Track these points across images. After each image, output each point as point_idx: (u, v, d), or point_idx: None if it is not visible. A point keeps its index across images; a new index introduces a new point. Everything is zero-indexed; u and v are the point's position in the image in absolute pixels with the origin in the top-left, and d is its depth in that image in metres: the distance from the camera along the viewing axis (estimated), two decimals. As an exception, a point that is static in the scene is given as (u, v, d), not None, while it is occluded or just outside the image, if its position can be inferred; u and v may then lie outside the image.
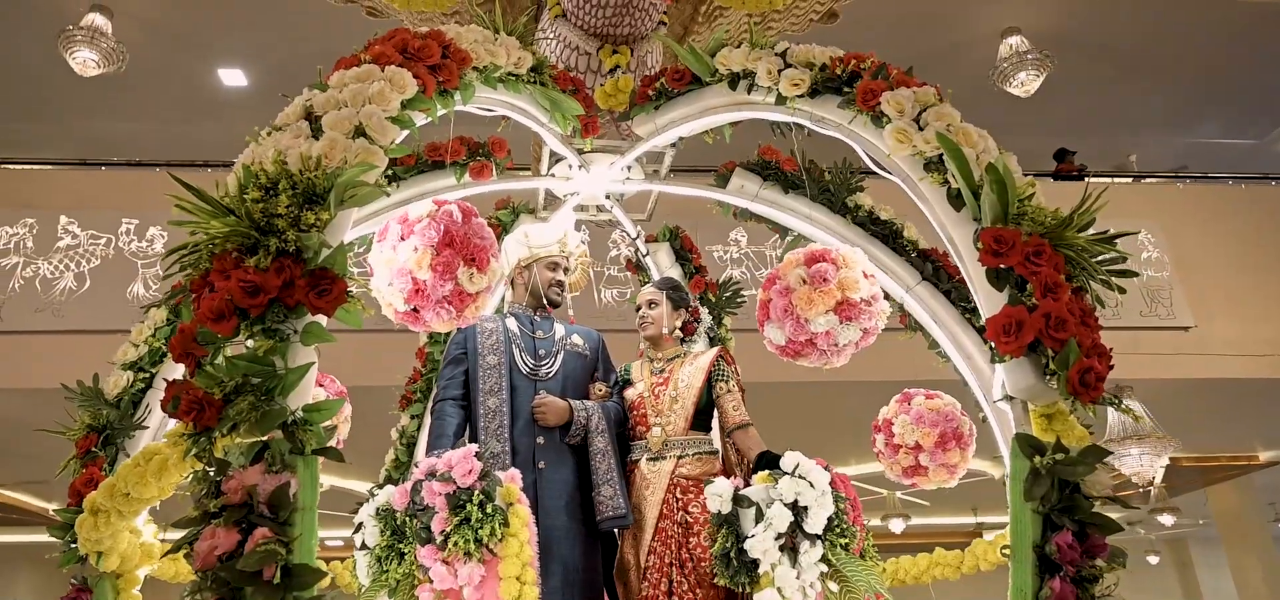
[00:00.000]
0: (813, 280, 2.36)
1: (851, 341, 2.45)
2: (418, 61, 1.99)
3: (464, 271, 2.13)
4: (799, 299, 2.37)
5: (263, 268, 1.53)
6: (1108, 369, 1.75)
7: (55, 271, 7.76)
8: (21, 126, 9.53)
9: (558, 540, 2.72)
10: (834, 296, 2.35)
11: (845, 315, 2.38)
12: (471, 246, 2.15)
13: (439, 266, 2.10)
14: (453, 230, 2.13)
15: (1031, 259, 1.77)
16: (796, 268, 2.42)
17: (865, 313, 2.40)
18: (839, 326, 2.39)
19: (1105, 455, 1.76)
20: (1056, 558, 1.69)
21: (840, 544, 2.41)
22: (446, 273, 2.11)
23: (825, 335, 2.41)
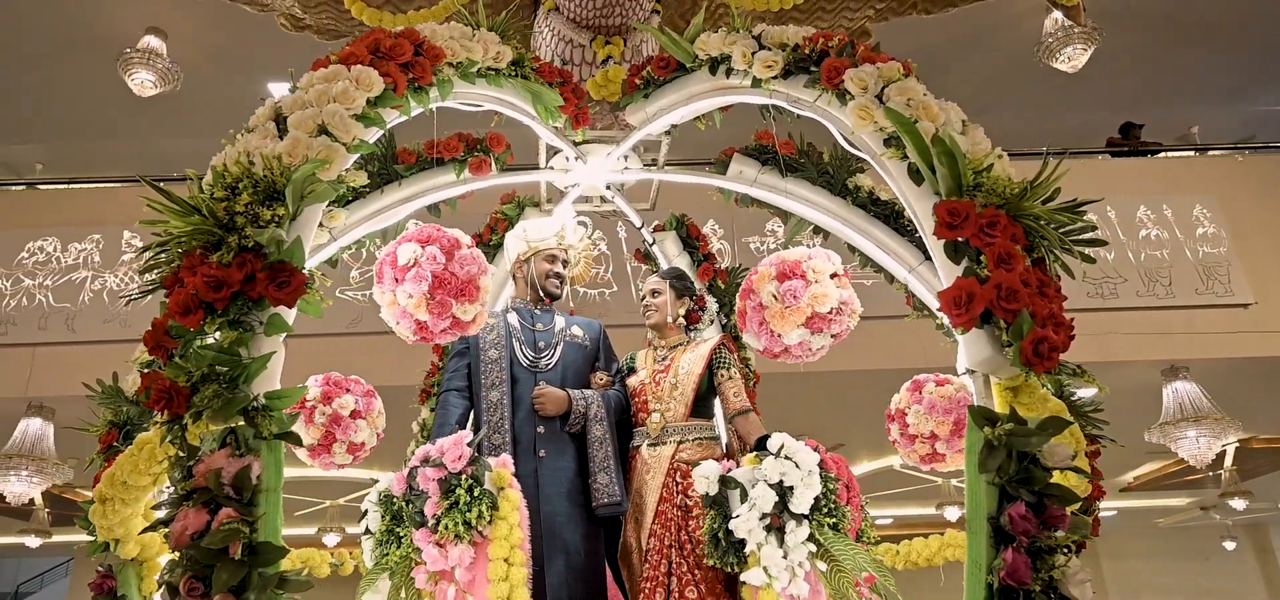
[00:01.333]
0: (783, 298, 2.41)
1: (825, 345, 2.51)
2: (389, 60, 2.07)
3: (458, 307, 2.33)
4: (772, 316, 2.44)
5: (225, 263, 1.62)
6: (1066, 340, 1.73)
7: (121, 283, 8.18)
8: (87, 146, 10.01)
9: (560, 526, 2.79)
10: (804, 313, 2.41)
11: (816, 328, 2.45)
12: (459, 283, 2.32)
13: (435, 309, 2.31)
14: (439, 274, 2.30)
15: (985, 230, 1.77)
16: (768, 283, 2.47)
17: (835, 322, 2.46)
18: (811, 337, 2.46)
19: (1064, 426, 1.75)
20: (1009, 528, 1.69)
21: (828, 524, 2.41)
22: (442, 311, 2.32)
23: (799, 345, 2.48)
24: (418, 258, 2.30)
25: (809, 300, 2.39)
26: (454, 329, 2.39)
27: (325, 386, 2.80)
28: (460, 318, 2.36)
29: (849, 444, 3.77)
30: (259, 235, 1.62)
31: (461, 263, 2.34)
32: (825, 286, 2.42)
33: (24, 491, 8.66)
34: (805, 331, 2.44)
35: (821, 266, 2.47)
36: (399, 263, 2.35)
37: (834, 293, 2.43)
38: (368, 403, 2.86)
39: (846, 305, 2.47)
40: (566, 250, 3.12)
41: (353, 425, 2.76)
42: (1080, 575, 1.71)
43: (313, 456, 2.77)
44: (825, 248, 2.79)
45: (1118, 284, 7.14)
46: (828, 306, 2.41)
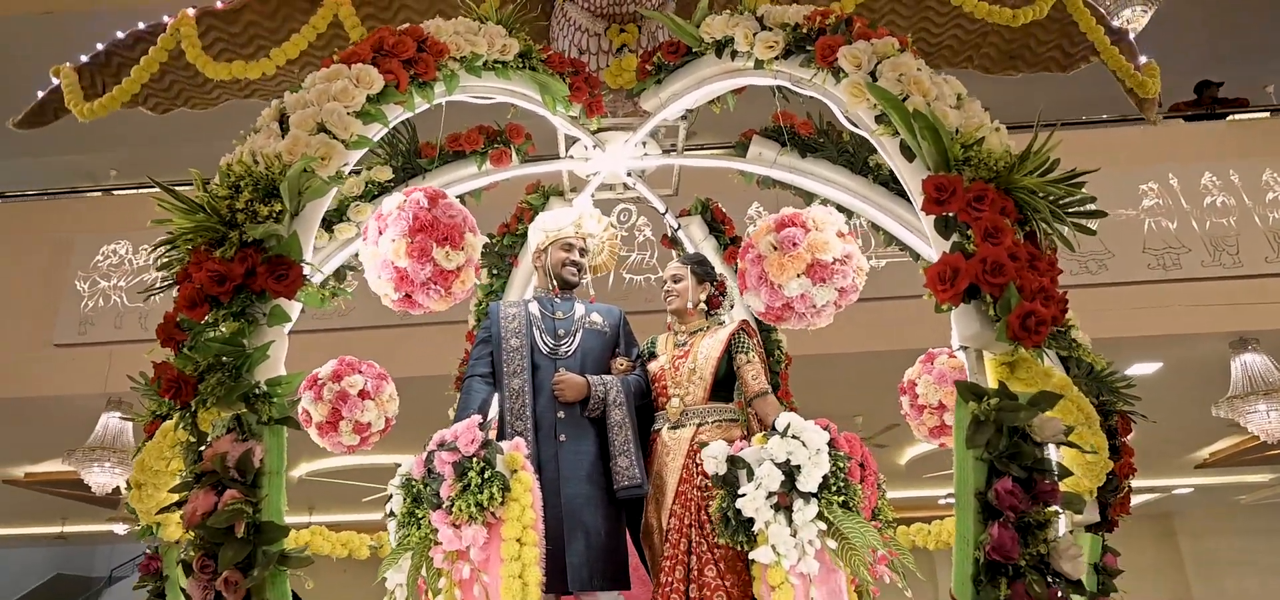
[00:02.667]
0: (782, 246, 2.37)
1: (830, 301, 2.45)
2: (392, 57, 2.14)
3: (439, 251, 2.28)
4: (770, 265, 2.39)
5: (228, 258, 1.71)
6: (1056, 313, 1.71)
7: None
8: (157, 153, 10.44)
9: (580, 508, 2.84)
10: (804, 260, 2.36)
11: (817, 277, 2.38)
12: (442, 226, 2.30)
13: (415, 252, 2.26)
14: (421, 216, 2.29)
15: (973, 204, 1.75)
16: (767, 235, 2.43)
17: (838, 272, 2.40)
18: (812, 288, 2.40)
19: (1054, 401, 1.73)
20: (996, 504, 1.68)
21: (837, 502, 2.42)
22: (423, 256, 2.27)
23: (801, 299, 2.42)
24: (401, 203, 2.32)
25: (809, 247, 2.35)
26: (436, 281, 2.34)
27: (338, 366, 2.90)
28: (442, 264, 2.30)
29: (902, 426, 3.73)
30: (256, 230, 1.71)
31: (445, 209, 2.33)
32: (827, 235, 2.38)
33: (107, 481, 9.15)
34: (806, 281, 2.38)
35: (822, 218, 2.44)
36: (383, 212, 2.38)
37: (836, 243, 2.39)
38: (378, 385, 2.95)
39: (851, 259, 2.42)
40: (584, 239, 3.17)
41: (360, 405, 2.84)
42: (1071, 550, 1.69)
43: (321, 434, 2.88)
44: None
45: (1181, 254, 6.88)
46: (830, 255, 2.36)
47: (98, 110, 2.95)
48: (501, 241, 3.60)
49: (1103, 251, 6.78)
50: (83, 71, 3.09)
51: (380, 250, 2.30)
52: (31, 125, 3.25)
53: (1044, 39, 3.31)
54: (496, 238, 3.61)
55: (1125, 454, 2.78)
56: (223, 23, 2.96)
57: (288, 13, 2.95)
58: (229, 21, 2.95)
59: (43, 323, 8.16)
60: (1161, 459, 11.00)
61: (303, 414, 3.08)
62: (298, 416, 3.07)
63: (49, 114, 3.24)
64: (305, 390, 3.09)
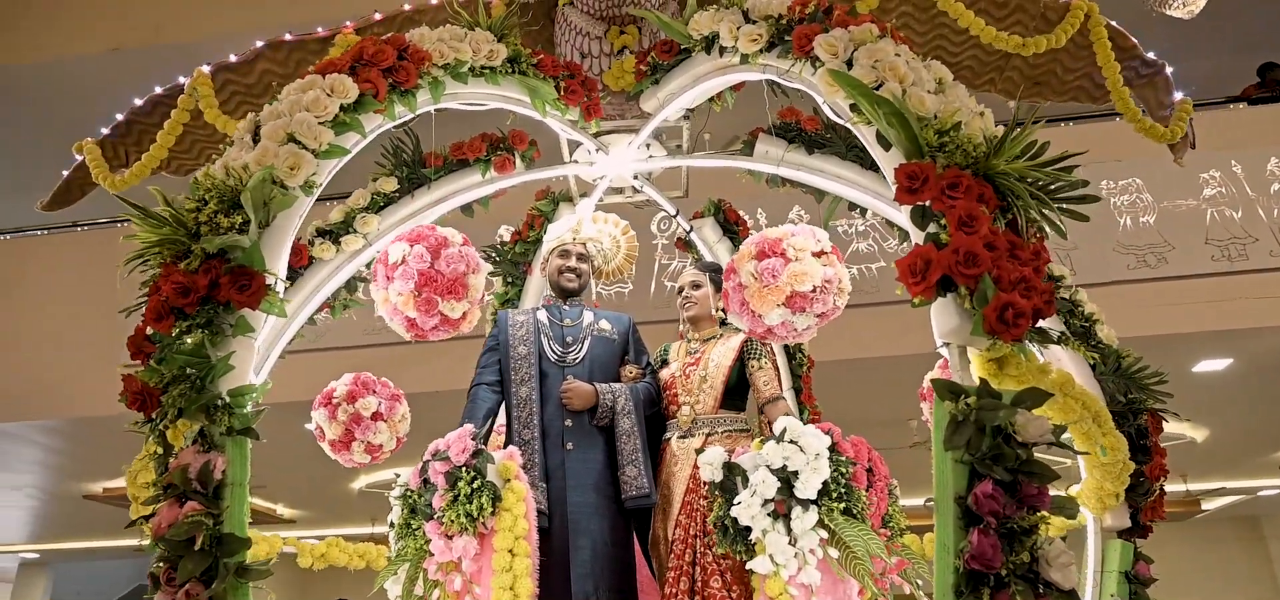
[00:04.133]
0: (761, 277, 2.32)
1: (810, 325, 2.41)
2: (371, 66, 2.14)
3: (444, 304, 2.41)
4: (751, 295, 2.35)
5: (192, 270, 1.72)
6: (1038, 303, 1.60)
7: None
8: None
9: (587, 517, 2.80)
10: (783, 292, 2.31)
11: (797, 307, 2.34)
12: (445, 280, 2.39)
13: (422, 306, 2.39)
14: (425, 272, 2.39)
15: (947, 192, 1.66)
16: (748, 262, 2.39)
17: (818, 300, 2.35)
18: (792, 317, 2.36)
19: (1042, 398, 1.62)
20: (975, 509, 1.58)
21: (839, 509, 2.33)
22: (430, 309, 2.40)
23: (782, 325, 2.38)
24: (405, 256, 2.37)
25: (788, 279, 2.30)
26: (444, 326, 2.46)
27: (353, 385, 2.92)
28: (448, 315, 2.42)
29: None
30: (216, 241, 1.72)
31: (448, 261, 2.39)
32: (806, 264, 2.32)
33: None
34: (786, 311, 2.35)
35: (803, 244, 2.37)
36: (390, 260, 2.44)
37: (816, 271, 2.33)
38: (392, 406, 2.96)
39: (831, 283, 2.36)
40: (583, 244, 3.13)
41: (373, 427, 2.86)
42: (1062, 558, 1.58)
43: (334, 451, 2.89)
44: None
45: (1247, 244, 6.53)
46: (809, 285, 2.30)
47: (126, 182, 2.98)
48: (514, 249, 3.60)
49: (1161, 243, 6.48)
50: (105, 144, 3.16)
51: (390, 297, 2.42)
52: (58, 206, 3.33)
53: (1071, 67, 3.15)
54: (509, 246, 3.61)
55: (1156, 454, 2.63)
56: (238, 75, 3.01)
57: (300, 57, 2.99)
58: (243, 74, 3.00)
59: (114, 344, 8.46)
60: (1243, 459, 10.47)
61: (316, 429, 3.12)
62: (314, 433, 3.12)
63: (75, 191, 3.31)
64: (320, 406, 3.12)
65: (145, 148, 2.98)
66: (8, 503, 11.92)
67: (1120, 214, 6.71)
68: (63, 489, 11.05)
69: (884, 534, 2.55)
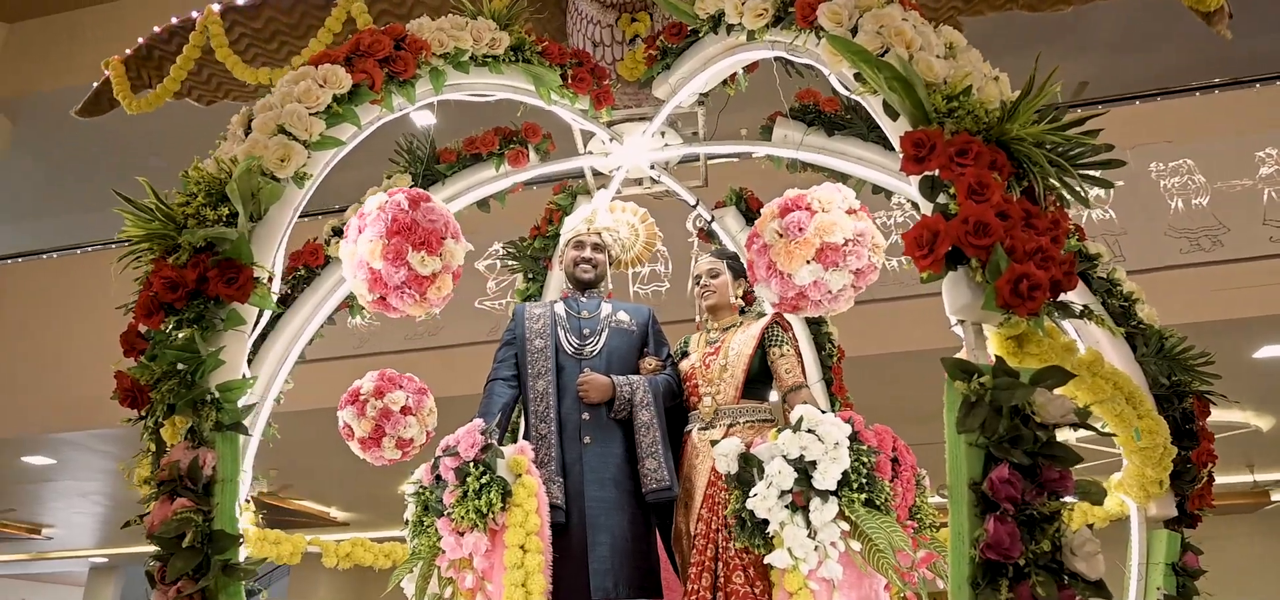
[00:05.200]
0: (787, 232, 2.20)
1: (846, 285, 2.25)
2: (367, 57, 2.10)
3: (415, 256, 2.21)
4: (777, 254, 2.21)
5: (180, 264, 1.70)
6: (1057, 275, 1.50)
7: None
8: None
9: (605, 512, 2.74)
10: (812, 245, 2.17)
11: (828, 261, 2.18)
12: (420, 230, 2.22)
13: (390, 254, 2.19)
14: (400, 218, 2.22)
15: (956, 159, 1.56)
16: (771, 221, 2.26)
17: (851, 254, 2.20)
18: (825, 274, 2.21)
19: (1064, 377, 1.52)
20: (991, 495, 1.48)
21: (860, 501, 2.23)
22: (397, 259, 2.19)
23: (814, 286, 2.23)
24: (382, 204, 2.27)
25: (816, 230, 2.16)
26: (411, 286, 2.26)
27: (380, 381, 2.89)
28: (417, 269, 2.22)
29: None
30: (197, 234, 1.69)
31: (426, 213, 2.26)
32: (834, 216, 2.19)
33: (254, 491, 9.61)
34: (817, 268, 2.19)
35: (829, 197, 2.25)
36: (365, 210, 2.32)
37: (846, 223, 2.19)
38: (419, 400, 2.92)
39: (864, 237, 2.22)
40: (597, 235, 3.07)
41: (402, 421, 2.82)
42: (1088, 546, 1.48)
43: (363, 449, 2.87)
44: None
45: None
46: (839, 236, 2.16)
47: (145, 105, 3.06)
48: (533, 244, 3.55)
49: (1216, 226, 6.21)
50: (129, 63, 3.23)
51: (357, 249, 2.24)
52: (90, 114, 3.45)
53: None
54: (528, 241, 3.56)
55: (1204, 439, 2.48)
56: (245, 19, 3.04)
57: (304, 10, 2.99)
58: (251, 17, 3.03)
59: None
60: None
61: (344, 428, 3.10)
62: (342, 433, 3.10)
63: (104, 103, 3.42)
64: (347, 404, 3.10)
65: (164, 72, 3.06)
66: (77, 509, 12.26)
67: (1171, 196, 6.45)
68: (128, 494, 11.34)
69: (910, 526, 2.45)
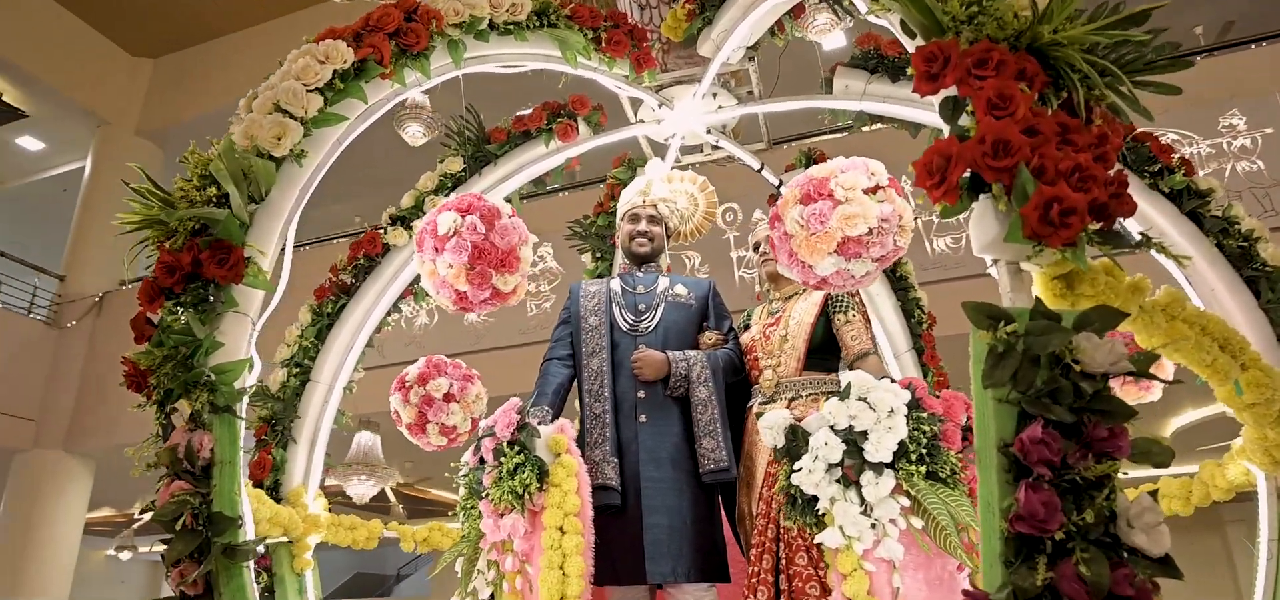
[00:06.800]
0: (808, 224, 2.00)
1: (868, 270, 2.04)
2: (377, 32, 2.06)
3: (498, 278, 2.25)
4: (800, 246, 2.03)
5: (176, 249, 1.69)
6: (1100, 196, 1.26)
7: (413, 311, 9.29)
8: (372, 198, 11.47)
9: (662, 492, 2.61)
10: (834, 238, 1.97)
11: (851, 253, 1.98)
12: (499, 253, 2.24)
13: (475, 279, 2.24)
14: (479, 244, 2.23)
15: (974, 72, 1.34)
16: (793, 208, 2.07)
17: (875, 244, 1.99)
18: (847, 264, 2.01)
19: (1116, 318, 1.28)
20: (1023, 458, 1.26)
21: (919, 473, 2.02)
22: (483, 282, 2.25)
23: (836, 274, 2.04)
24: (458, 227, 2.25)
25: (839, 223, 1.96)
26: (493, 300, 2.32)
27: (424, 368, 2.88)
28: (499, 288, 2.28)
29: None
30: (182, 216, 1.68)
31: (501, 233, 2.25)
32: (857, 205, 1.98)
33: (365, 492, 10.15)
34: (839, 259, 2.00)
35: (852, 181, 2.03)
36: (439, 231, 2.30)
37: (870, 210, 1.98)
38: (464, 386, 2.88)
39: (889, 222, 2.00)
40: (653, 206, 2.93)
41: (445, 408, 2.78)
42: (1147, 515, 1.24)
43: (412, 435, 2.86)
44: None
45: None
46: (862, 228, 1.95)
47: None
48: (597, 222, 3.45)
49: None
50: None
51: (439, 270, 2.29)
52: None
53: None
54: (591, 218, 3.47)
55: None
56: None
57: None
58: None
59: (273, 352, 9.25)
60: None
61: (393, 415, 3.12)
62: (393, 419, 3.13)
63: None
64: (395, 391, 3.12)
65: None
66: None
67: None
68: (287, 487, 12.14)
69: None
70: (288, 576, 2.81)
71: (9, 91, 10.70)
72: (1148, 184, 2.38)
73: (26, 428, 9.82)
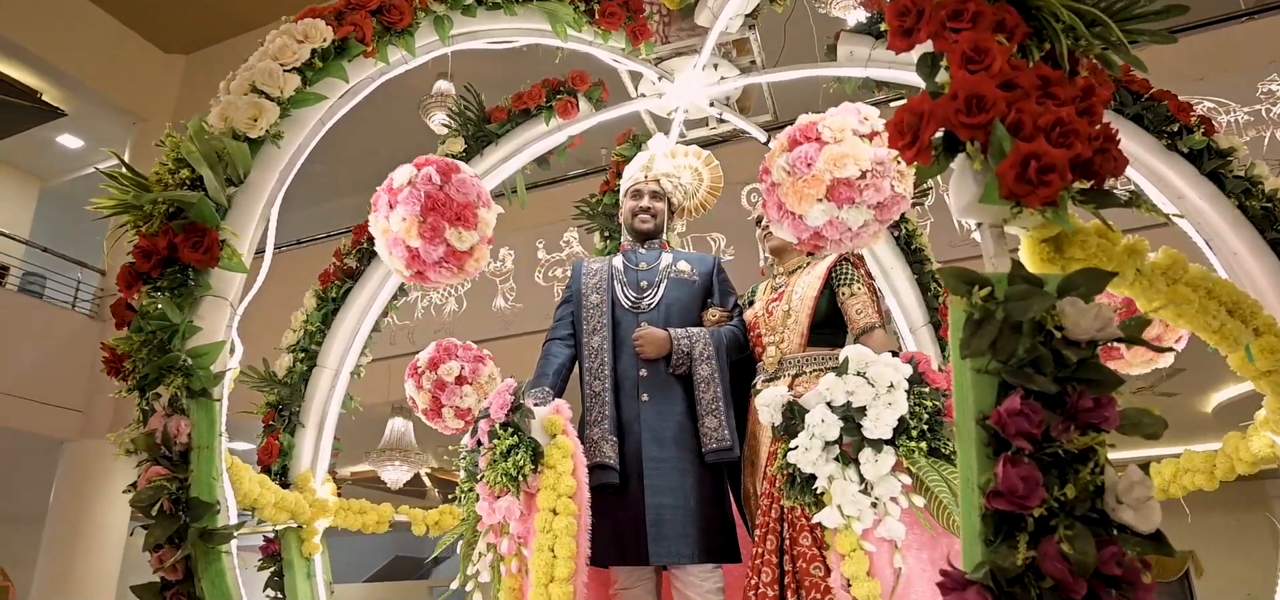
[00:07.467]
0: (794, 169, 1.90)
1: (867, 221, 1.92)
2: (358, 9, 2.03)
3: (452, 232, 2.15)
4: (786, 194, 1.92)
5: (152, 232, 1.68)
6: (1084, 153, 1.19)
7: (443, 298, 9.40)
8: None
9: (665, 472, 2.57)
10: (822, 182, 1.86)
11: (842, 198, 1.86)
12: (455, 206, 2.15)
13: (427, 232, 2.13)
14: (433, 194, 2.14)
15: (949, 24, 1.27)
16: (780, 156, 1.97)
17: (869, 188, 1.87)
18: (840, 213, 1.89)
19: (1103, 280, 1.21)
20: (1001, 431, 1.20)
21: (921, 450, 1.95)
22: (435, 236, 2.14)
23: (830, 225, 1.92)
24: (412, 178, 2.19)
25: (826, 164, 1.86)
26: (449, 261, 2.22)
27: (435, 352, 2.86)
28: (454, 245, 2.18)
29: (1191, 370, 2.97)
30: (156, 199, 1.67)
31: (458, 186, 2.17)
32: (848, 145, 1.87)
33: (398, 478, 10.29)
34: (831, 206, 1.89)
35: (842, 123, 1.93)
36: (394, 185, 2.24)
37: (861, 151, 1.87)
38: (475, 368, 2.87)
39: (884, 166, 1.89)
40: (656, 181, 2.87)
41: (458, 391, 2.77)
42: (1136, 490, 1.17)
43: (429, 420, 2.85)
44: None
45: None
46: (852, 169, 1.84)
47: None
48: (603, 200, 3.41)
49: None
50: None
51: (391, 226, 2.20)
52: None
53: None
54: (598, 197, 3.42)
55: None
56: None
57: None
58: None
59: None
60: None
61: (410, 401, 3.12)
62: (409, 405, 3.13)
63: None
64: (409, 377, 3.12)
65: None
66: (282, 491, 13.52)
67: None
68: (321, 476, 12.36)
69: (989, 478, 2.12)
70: (296, 561, 2.82)
71: (49, 91, 10.93)
72: (1165, 144, 2.27)
73: (73, 419, 10.07)
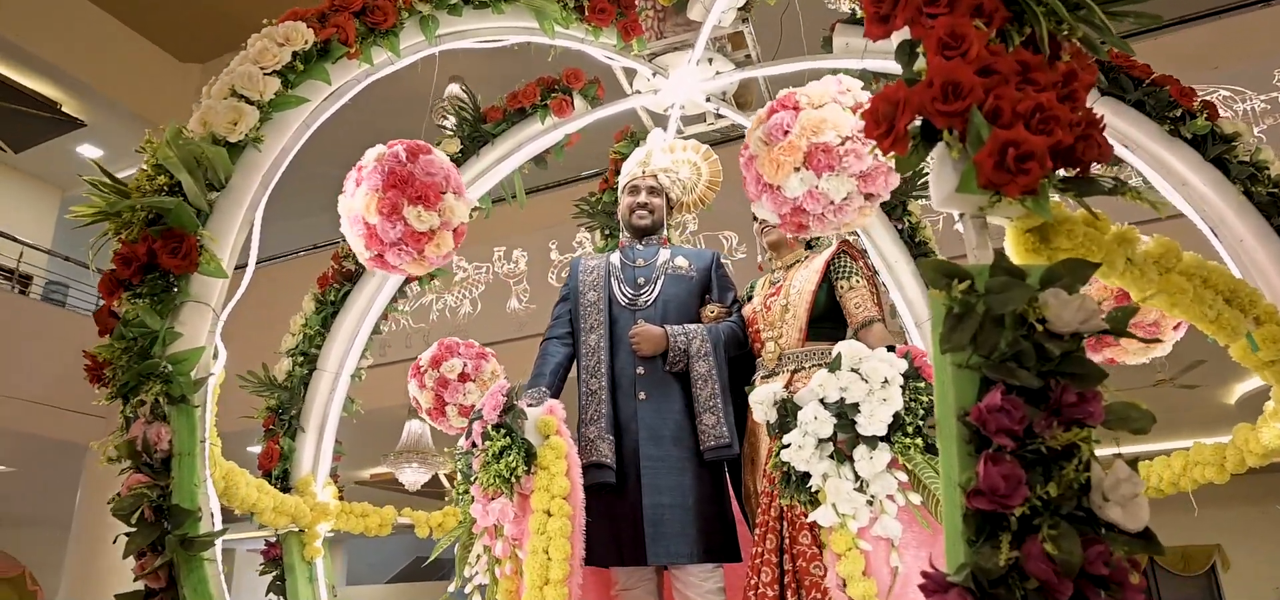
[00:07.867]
0: (770, 137, 1.84)
1: (851, 191, 1.85)
2: (341, 11, 2.01)
3: (411, 211, 2.08)
4: (763, 165, 1.86)
5: (132, 239, 1.67)
6: (1065, 139, 1.15)
7: (457, 300, 9.44)
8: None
9: (663, 470, 2.54)
10: (798, 150, 1.79)
11: (820, 166, 1.79)
12: (417, 184, 2.09)
13: (385, 208, 2.07)
14: (397, 171, 2.09)
15: (925, 10, 1.23)
16: (757, 128, 1.92)
17: (850, 155, 1.80)
18: (820, 182, 1.82)
19: (1087, 270, 1.17)
20: (981, 428, 1.16)
21: (917, 446, 1.91)
22: (393, 214, 2.07)
23: (810, 196, 1.86)
24: (380, 155, 2.15)
25: (802, 131, 1.80)
26: (407, 243, 2.14)
27: (437, 350, 2.85)
28: (413, 225, 2.11)
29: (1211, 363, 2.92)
30: (134, 205, 1.66)
31: (425, 166, 2.13)
32: (826, 112, 1.80)
33: (416, 479, 10.33)
34: (809, 176, 1.82)
35: (821, 92, 1.86)
36: (363, 163, 2.20)
37: (840, 118, 1.81)
38: (478, 364, 2.85)
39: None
40: (654, 177, 2.84)
41: (461, 388, 2.76)
42: (1125, 487, 1.12)
43: (434, 421, 2.84)
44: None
45: None
46: (830, 134, 1.77)
47: None
48: (603, 198, 3.38)
49: None
50: None
51: (354, 203, 2.14)
52: None
53: None
54: (598, 195, 3.40)
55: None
56: None
57: None
58: None
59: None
60: None
61: (413, 402, 3.11)
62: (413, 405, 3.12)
63: None
64: (412, 378, 3.11)
65: None
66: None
67: None
68: (344, 477, 12.44)
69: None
70: (297, 565, 2.82)
71: (68, 102, 11.05)
72: (1168, 130, 2.21)
73: (98, 424, 10.17)
